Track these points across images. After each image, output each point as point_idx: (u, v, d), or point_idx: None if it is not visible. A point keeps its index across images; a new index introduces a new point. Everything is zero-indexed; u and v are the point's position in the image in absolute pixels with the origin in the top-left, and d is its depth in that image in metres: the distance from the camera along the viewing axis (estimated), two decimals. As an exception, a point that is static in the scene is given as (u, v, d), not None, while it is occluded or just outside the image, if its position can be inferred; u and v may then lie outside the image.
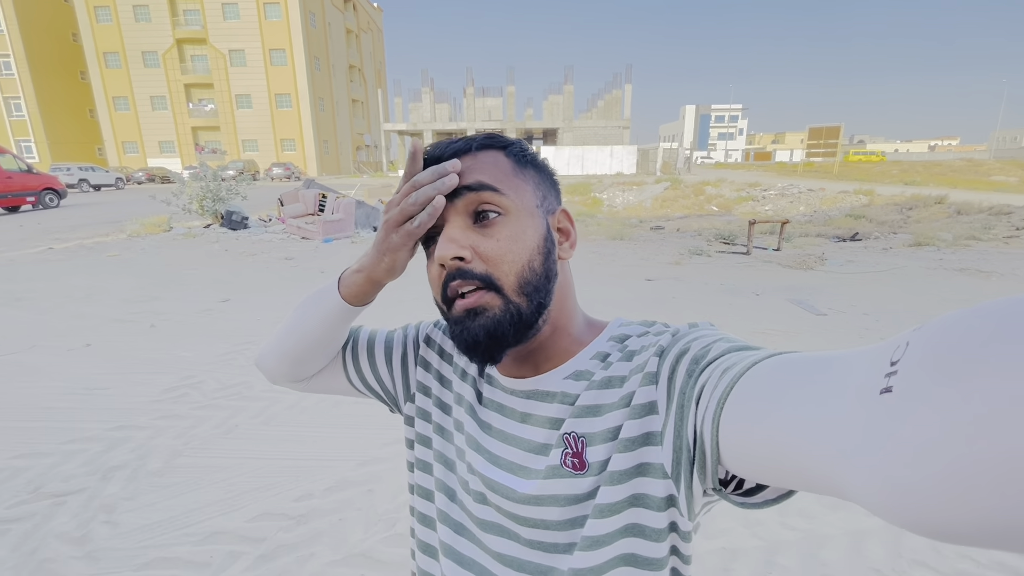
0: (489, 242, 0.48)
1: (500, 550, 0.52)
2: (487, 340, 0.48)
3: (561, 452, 0.49)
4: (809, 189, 17.07)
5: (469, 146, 0.51)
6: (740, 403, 0.35)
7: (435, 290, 0.51)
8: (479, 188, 0.49)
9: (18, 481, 2.37)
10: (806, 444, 0.28)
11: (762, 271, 6.70)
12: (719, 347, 0.42)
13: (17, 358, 3.88)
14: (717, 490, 0.40)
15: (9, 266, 7.34)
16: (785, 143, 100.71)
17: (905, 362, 0.23)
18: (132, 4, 40.71)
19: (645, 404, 0.45)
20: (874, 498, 0.23)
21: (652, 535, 0.45)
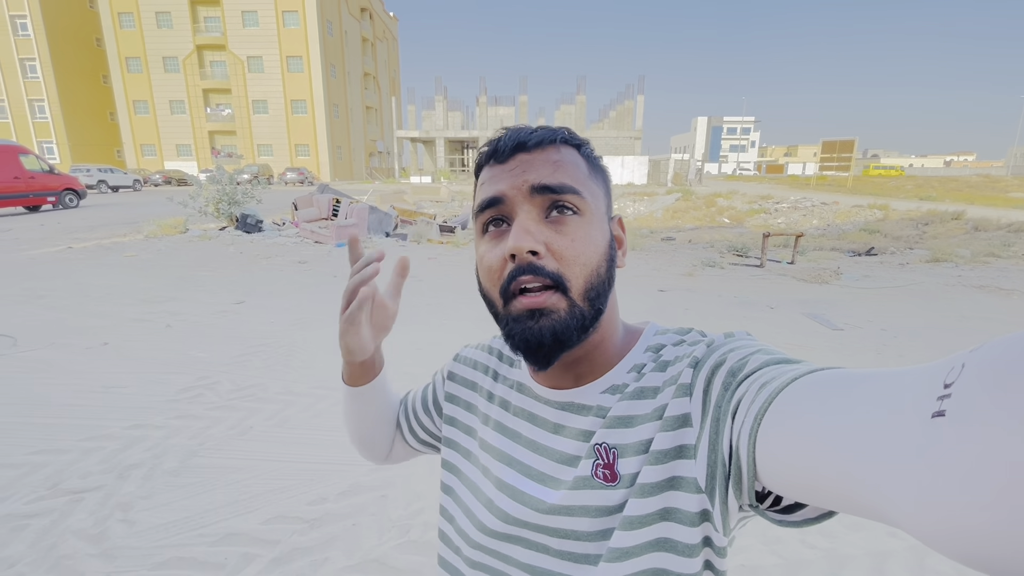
0: (564, 240, 0.47)
1: (529, 561, 0.51)
2: (552, 342, 0.47)
3: (592, 463, 0.48)
4: (823, 203, 16.95)
5: (554, 137, 0.50)
6: (779, 419, 0.33)
7: (492, 280, 0.49)
8: (561, 191, 0.47)
9: (37, 477, 2.40)
10: (851, 466, 0.27)
11: (776, 284, 6.64)
12: (757, 359, 0.41)
13: (37, 355, 3.93)
14: (753, 506, 0.39)
15: (30, 264, 7.48)
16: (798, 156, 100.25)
17: (960, 385, 0.22)
18: (155, 11, 41.66)
19: (678, 416, 0.44)
20: (925, 528, 0.22)
21: (684, 550, 0.44)
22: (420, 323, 4.82)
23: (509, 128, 0.52)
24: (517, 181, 0.48)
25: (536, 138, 0.49)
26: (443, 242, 9.90)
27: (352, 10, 48.53)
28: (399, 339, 4.34)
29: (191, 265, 7.54)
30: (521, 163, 0.49)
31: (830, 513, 0.36)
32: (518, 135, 0.50)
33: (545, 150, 0.49)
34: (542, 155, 0.49)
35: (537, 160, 0.49)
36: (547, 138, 0.49)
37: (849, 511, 0.29)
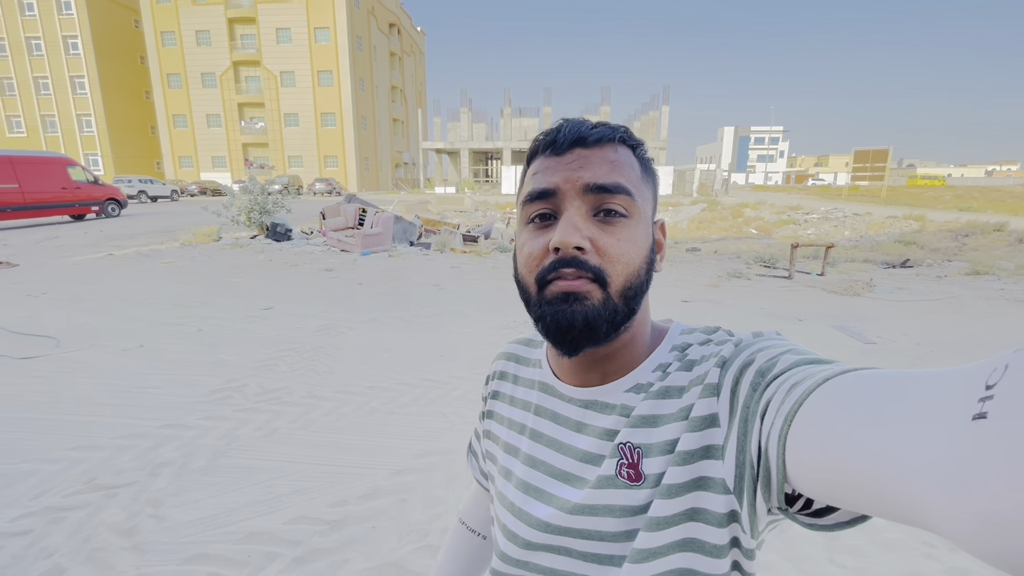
0: (610, 239, 0.47)
1: (551, 565, 0.51)
2: (583, 327, 0.47)
3: (616, 463, 0.48)
4: (855, 213, 16.50)
5: (613, 136, 0.50)
6: (810, 420, 0.33)
7: (531, 267, 0.49)
8: (616, 191, 0.47)
9: (74, 472, 2.50)
10: (886, 469, 0.26)
11: (805, 296, 6.48)
12: (787, 359, 0.40)
13: (78, 355, 4.11)
14: (783, 509, 0.38)
15: (74, 270, 7.84)
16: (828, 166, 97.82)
17: (1003, 385, 0.22)
18: (195, 29, 43.60)
19: (705, 417, 0.44)
20: (966, 534, 0.22)
21: (711, 551, 0.43)
22: (442, 331, 4.86)
23: (568, 120, 0.51)
24: (572, 176, 0.48)
25: (596, 134, 0.49)
26: (466, 251, 9.98)
27: (381, 26, 49.83)
28: (421, 346, 4.39)
29: (223, 272, 7.78)
30: (579, 158, 0.48)
31: (862, 517, 0.35)
32: (578, 129, 0.49)
33: (603, 148, 0.49)
34: (600, 152, 0.49)
35: (595, 157, 0.48)
36: (607, 136, 0.49)
37: (882, 514, 0.28)
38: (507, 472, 0.58)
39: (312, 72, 43.76)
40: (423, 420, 3.03)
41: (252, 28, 43.91)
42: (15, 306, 5.64)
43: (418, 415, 3.10)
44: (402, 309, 5.64)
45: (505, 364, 0.65)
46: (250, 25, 43.92)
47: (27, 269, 7.87)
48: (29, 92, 45.68)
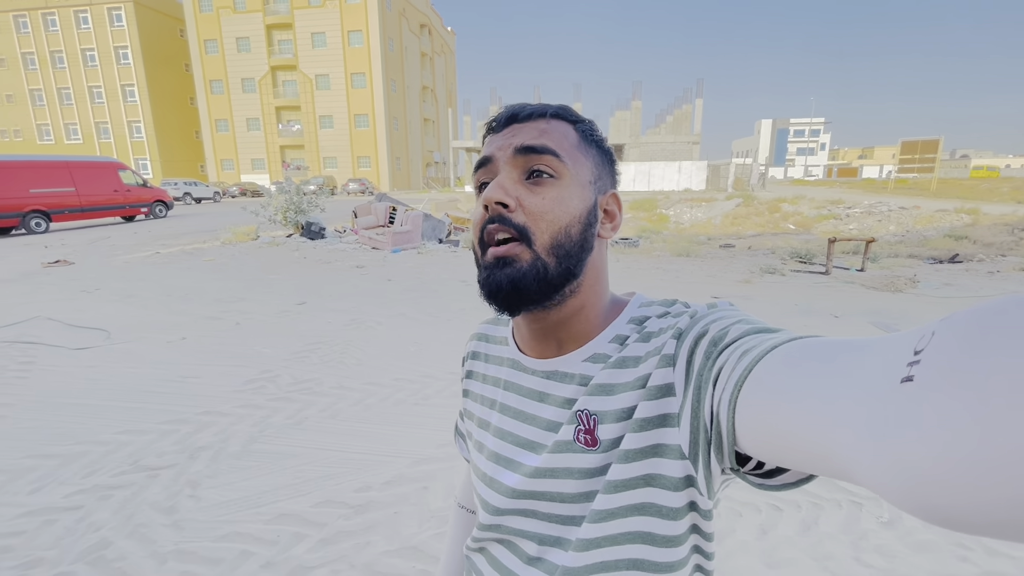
0: (535, 198, 0.50)
1: (520, 527, 0.54)
2: (509, 289, 0.50)
3: (574, 429, 0.50)
4: (901, 207, 15.72)
5: (545, 111, 0.53)
6: (758, 385, 0.35)
7: (475, 232, 0.53)
8: (542, 151, 0.50)
9: (121, 454, 2.67)
10: (822, 428, 0.28)
11: (842, 292, 6.24)
12: (738, 329, 0.42)
13: (127, 347, 4.36)
14: (735, 469, 0.40)
15: (124, 267, 8.30)
16: (874, 158, 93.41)
17: (929, 352, 0.23)
18: (236, 36, 45.22)
19: (662, 386, 0.45)
20: (886, 484, 0.23)
21: (668, 513, 0.46)
22: (468, 326, 4.92)
23: (509, 105, 0.56)
24: (504, 143, 0.52)
25: (528, 110, 0.53)
26: (494, 248, 10.02)
27: (412, 27, 50.48)
28: (447, 340, 4.46)
29: (260, 269, 8.08)
30: (512, 130, 0.52)
31: (808, 478, 0.37)
32: (513, 108, 0.54)
33: (535, 120, 0.52)
34: (532, 124, 0.52)
35: (526, 127, 0.52)
36: (538, 111, 0.53)
37: (823, 473, 0.30)
38: (480, 446, 0.61)
39: (346, 75, 44.76)
40: (446, 412, 3.09)
41: (289, 33, 45.23)
42: (71, 300, 6.03)
43: (442, 407, 3.16)
44: (429, 305, 5.74)
45: (476, 344, 0.67)
46: (287, 31, 45.25)
47: (82, 267, 8.38)
48: (85, 101, 48.47)
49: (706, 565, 0.50)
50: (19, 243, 11.70)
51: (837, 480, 0.29)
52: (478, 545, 0.60)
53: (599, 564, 0.48)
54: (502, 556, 0.56)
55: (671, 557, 0.47)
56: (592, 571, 0.48)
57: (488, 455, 0.59)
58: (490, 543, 0.58)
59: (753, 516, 2.14)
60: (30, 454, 2.66)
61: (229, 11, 44.83)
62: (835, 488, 2.31)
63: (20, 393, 3.43)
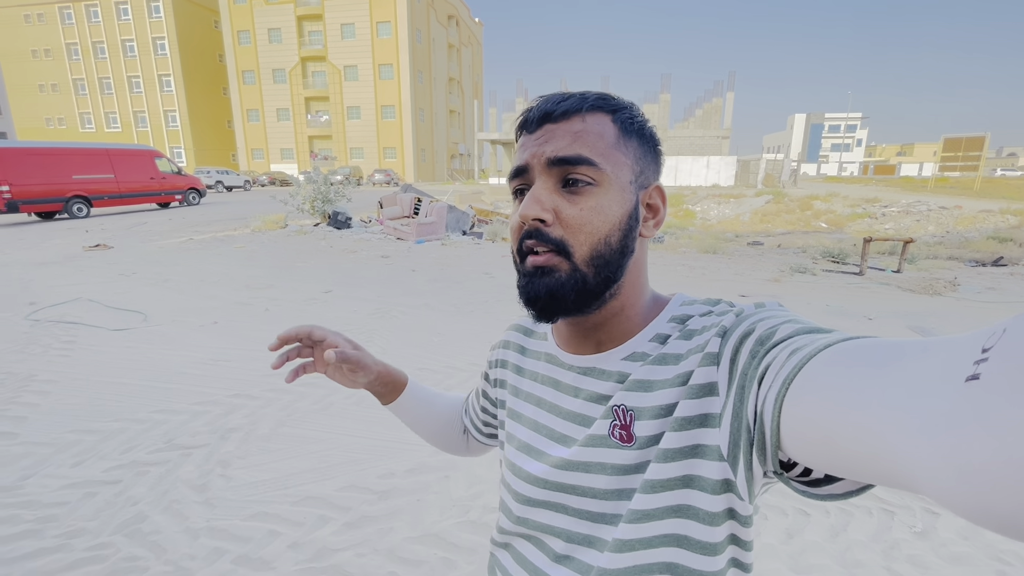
0: (572, 209, 0.48)
1: (549, 522, 0.53)
2: (547, 299, 0.49)
3: (609, 423, 0.49)
4: (941, 207, 15.11)
5: (580, 107, 0.50)
6: (808, 384, 0.33)
7: (513, 239, 0.52)
8: (577, 162, 0.48)
9: (157, 432, 2.77)
10: (875, 427, 0.26)
11: (877, 294, 6.04)
12: (787, 328, 0.40)
13: (161, 330, 4.51)
14: (778, 473, 0.39)
15: (159, 252, 8.58)
16: (913, 155, 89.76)
17: (999, 349, 0.22)
18: (268, 27, 45.98)
19: (704, 385, 0.44)
20: (944, 486, 0.22)
21: (706, 518, 0.44)
22: (491, 317, 4.94)
23: (543, 97, 0.52)
24: (538, 152, 0.49)
25: (563, 108, 0.50)
26: (517, 241, 10.01)
27: (440, 18, 50.47)
28: (470, 331, 4.48)
29: (288, 257, 8.25)
30: (546, 133, 0.50)
31: (861, 490, 0.36)
32: (545, 105, 0.51)
33: (570, 120, 0.49)
34: (566, 125, 0.49)
35: (560, 131, 0.49)
36: (573, 108, 0.50)
37: (873, 479, 0.29)
38: (511, 436, 0.61)
39: (374, 66, 45.10)
40: (469, 402, 3.11)
41: (319, 24, 45.76)
42: (111, 283, 6.26)
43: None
44: (453, 295, 5.77)
45: (514, 335, 0.67)
46: (317, 22, 45.78)
47: (120, 251, 8.69)
48: (124, 90, 50.07)
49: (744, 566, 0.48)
50: (62, 227, 12.20)
51: (890, 487, 0.27)
52: (504, 540, 0.60)
53: (635, 568, 0.47)
54: (528, 553, 0.56)
55: (708, 567, 0.45)
56: (629, 574, 0.47)
57: (518, 445, 0.59)
58: (516, 539, 0.58)
59: (779, 519, 2.10)
60: (73, 429, 2.78)
61: (262, 2, 45.55)
62: (866, 495, 2.25)
63: (63, 371, 3.59)
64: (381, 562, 1.88)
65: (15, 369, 3.60)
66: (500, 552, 0.61)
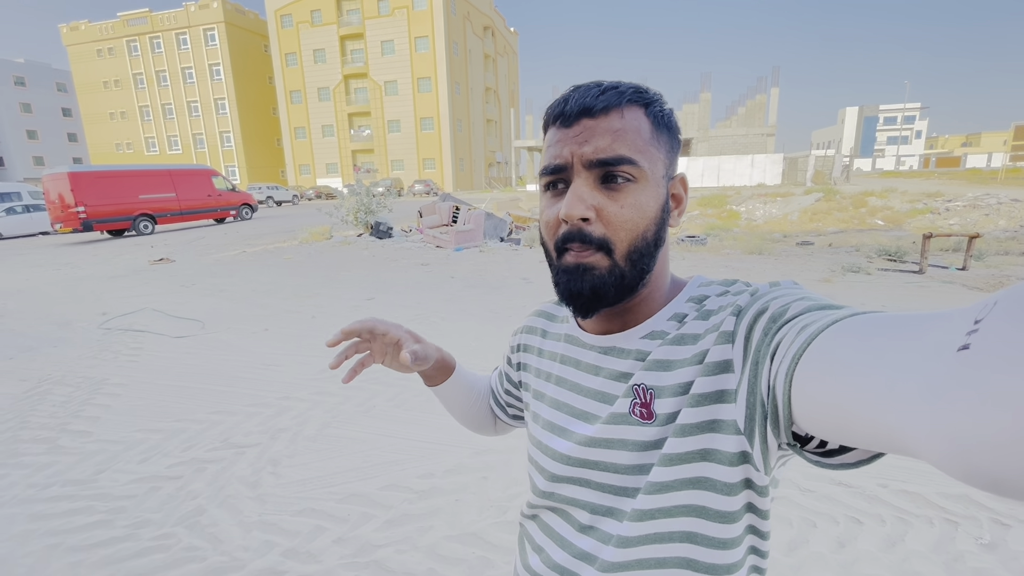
0: (614, 206, 0.49)
1: (573, 495, 0.55)
2: (590, 295, 0.51)
3: (630, 402, 0.51)
4: (1013, 199, 14.00)
5: (619, 102, 0.50)
6: (816, 358, 0.34)
7: (548, 234, 0.53)
8: (618, 163, 0.48)
9: (214, 432, 2.94)
10: (877, 397, 0.28)
11: (939, 293, 5.66)
12: (799, 305, 0.41)
13: (217, 336, 4.79)
14: (792, 445, 0.40)
15: (215, 265, 9.10)
16: (980, 146, 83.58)
17: (989, 320, 0.23)
18: (313, 48, 48.14)
19: (720, 362, 0.45)
20: (936, 449, 0.23)
21: (723, 489, 0.46)
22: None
23: (577, 87, 0.52)
24: (578, 151, 0.49)
25: (602, 102, 0.49)
26: (555, 246, 9.99)
27: (476, 30, 51.35)
28: (505, 335, 4.51)
29: (333, 266, 8.57)
30: (585, 130, 0.49)
31: (869, 460, 0.37)
32: (584, 99, 0.50)
33: (609, 116, 0.49)
34: (605, 122, 0.49)
35: (600, 128, 0.49)
36: (613, 103, 0.49)
37: (876, 446, 0.30)
38: (535, 416, 0.63)
39: (413, 80, 46.35)
40: (506, 405, 3.14)
41: (360, 43, 47.51)
42: (172, 294, 6.70)
43: (502, 400, 3.21)
44: (491, 301, 5.83)
45: (536, 320, 0.70)
46: (358, 40, 47.55)
47: (181, 264, 9.28)
48: (184, 115, 53.60)
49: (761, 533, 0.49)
50: (130, 243, 13.15)
51: (894, 453, 0.28)
52: (532, 512, 0.62)
53: (653, 535, 0.49)
54: (555, 524, 0.58)
55: (725, 534, 0.47)
56: (646, 542, 0.49)
57: (543, 424, 0.61)
58: (543, 511, 0.60)
59: (829, 527, 2.01)
60: (140, 428, 3.00)
61: (307, 25, 47.77)
62: (925, 504, 2.12)
63: (132, 375, 3.87)
64: (421, 559, 1.92)
65: (91, 374, 3.91)
66: (528, 523, 0.64)
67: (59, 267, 9.53)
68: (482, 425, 0.82)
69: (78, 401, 3.42)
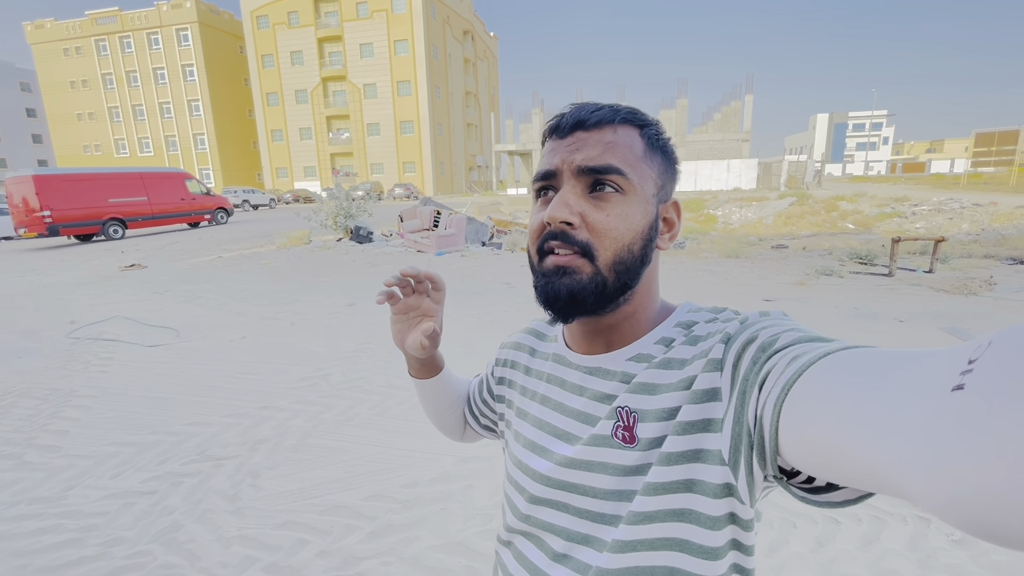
0: (599, 214, 0.50)
1: (552, 520, 0.54)
2: (567, 299, 0.50)
3: (613, 424, 0.50)
4: (975, 204, 14.59)
5: (613, 118, 0.51)
6: (805, 391, 0.34)
7: (532, 239, 0.54)
8: (606, 171, 0.50)
9: (190, 444, 2.86)
10: (867, 435, 0.27)
11: (908, 295, 5.86)
12: (789, 336, 0.41)
13: (193, 345, 4.67)
14: (777, 478, 0.40)
15: (190, 270, 8.87)
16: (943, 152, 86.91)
17: (983, 361, 0.22)
18: (290, 50, 47.46)
19: (708, 390, 0.45)
20: (928, 494, 0.23)
21: (707, 522, 0.45)
22: (511, 327, 4.96)
23: (576, 104, 0.54)
24: (568, 158, 0.51)
25: (596, 117, 0.51)
26: (536, 251, 10.03)
27: (456, 34, 51.34)
28: (491, 341, 4.51)
29: (313, 272, 8.44)
30: (577, 140, 0.51)
31: (856, 500, 0.36)
32: (579, 113, 0.52)
33: (602, 130, 0.51)
34: (598, 135, 0.51)
35: (591, 140, 0.51)
36: (606, 118, 0.51)
37: (865, 487, 0.29)
38: (517, 435, 0.62)
39: (392, 83, 46.05)
40: (491, 412, 3.13)
41: (339, 46, 47.04)
42: (145, 301, 6.51)
43: (486, 407, 3.20)
44: (474, 307, 5.82)
45: (525, 337, 0.69)
46: (337, 43, 47.07)
47: (154, 270, 9.02)
48: (156, 116, 52.22)
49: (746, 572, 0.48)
50: (99, 248, 12.73)
51: (883, 494, 0.28)
52: (507, 538, 0.61)
53: (635, 569, 0.47)
54: (528, 551, 0.57)
55: (709, 571, 0.46)
56: (627, 575, 0.47)
57: (524, 443, 0.60)
58: (518, 536, 0.59)
59: (808, 527, 2.06)
60: (112, 442, 2.90)
61: (284, 27, 47.10)
62: (899, 502, 2.19)
63: (102, 386, 3.74)
64: (406, 570, 1.90)
65: (58, 385, 3.77)
66: (503, 550, 0.62)
67: (23, 274, 9.18)
68: (452, 428, 0.81)
69: (45, 414, 3.29)
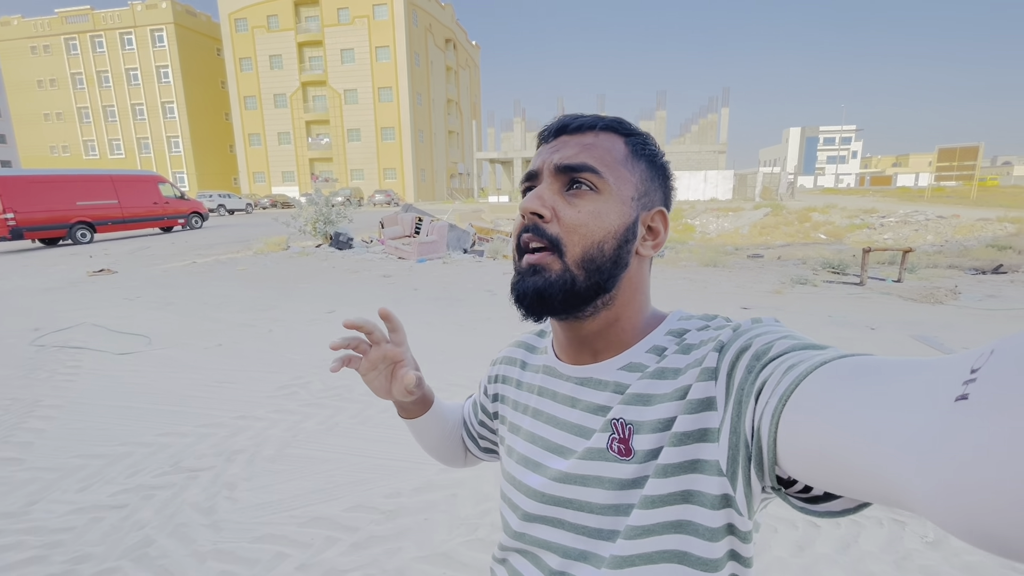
0: (571, 210, 0.51)
1: (547, 538, 0.53)
2: (534, 297, 0.51)
3: (608, 437, 0.49)
4: (939, 216, 15.19)
5: (595, 124, 0.53)
6: (804, 401, 0.33)
7: (513, 238, 0.55)
8: (580, 169, 0.51)
9: (163, 455, 2.76)
10: (868, 446, 0.27)
11: (878, 304, 6.05)
12: (783, 344, 0.41)
13: (166, 352, 4.53)
14: (776, 488, 0.39)
15: (163, 276, 8.63)
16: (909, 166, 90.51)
17: (986, 370, 0.22)
18: (269, 54, 46.94)
19: (702, 400, 0.44)
20: (932, 505, 0.22)
21: (706, 534, 0.44)
22: (493, 335, 4.95)
23: (566, 115, 0.56)
24: (548, 159, 0.53)
25: (577, 123, 0.53)
26: (518, 258, 10.05)
27: (438, 42, 51.50)
28: (472, 349, 4.49)
29: (291, 278, 8.29)
30: (559, 143, 0.53)
31: (855, 509, 0.36)
32: (564, 120, 0.54)
33: (584, 134, 0.53)
34: (579, 138, 0.52)
35: (572, 142, 0.52)
36: (587, 124, 0.53)
37: (868, 497, 0.29)
38: (510, 450, 0.61)
39: (373, 89, 45.90)
40: (474, 420, 3.10)
41: (319, 51, 46.73)
42: (115, 308, 6.29)
43: (469, 415, 3.18)
44: (455, 314, 5.79)
45: (515, 350, 0.68)
46: (317, 48, 46.76)
47: (124, 275, 8.74)
48: (128, 118, 50.95)
49: None
50: (66, 253, 12.29)
51: (881, 504, 0.29)
52: (503, 555, 0.60)
53: None
54: (524, 569, 0.56)
55: None
56: None
57: (517, 458, 0.59)
58: (513, 554, 0.58)
59: (789, 532, 2.09)
60: (79, 454, 2.78)
61: (263, 30, 46.58)
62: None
63: (69, 395, 3.59)
64: (390, 583, 1.86)
65: (20, 395, 3.61)
66: (498, 568, 0.61)
67: (-17, 278, 8.79)
68: (453, 458, 0.78)
69: (7, 425, 3.14)
